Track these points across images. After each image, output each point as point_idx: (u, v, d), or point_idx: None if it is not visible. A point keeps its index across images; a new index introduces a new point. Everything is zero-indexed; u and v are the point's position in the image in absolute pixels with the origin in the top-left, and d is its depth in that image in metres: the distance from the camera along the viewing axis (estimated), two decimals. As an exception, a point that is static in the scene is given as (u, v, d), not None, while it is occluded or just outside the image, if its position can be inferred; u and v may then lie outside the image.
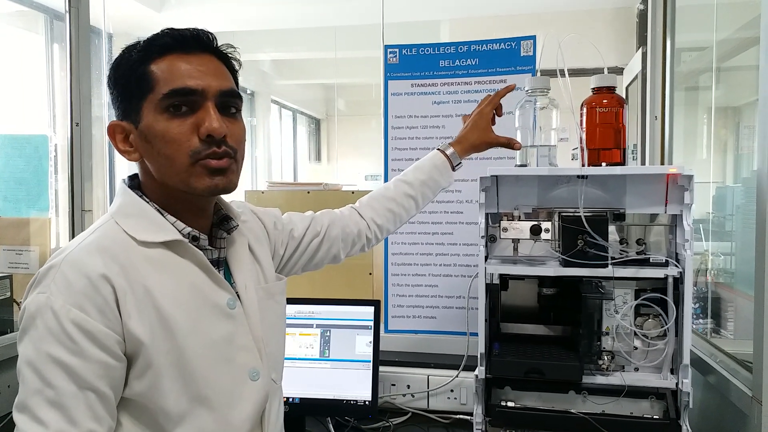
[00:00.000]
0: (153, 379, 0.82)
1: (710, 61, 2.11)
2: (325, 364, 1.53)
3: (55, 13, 3.17)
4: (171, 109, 0.84)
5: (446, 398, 1.65)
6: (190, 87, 0.84)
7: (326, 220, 1.19)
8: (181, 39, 0.87)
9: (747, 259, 1.49)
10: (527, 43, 1.69)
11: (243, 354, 0.91)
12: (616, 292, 1.20)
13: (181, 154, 0.84)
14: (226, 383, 0.88)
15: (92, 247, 0.82)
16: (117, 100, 0.88)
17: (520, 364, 1.19)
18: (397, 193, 1.25)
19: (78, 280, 0.79)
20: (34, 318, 0.78)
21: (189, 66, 0.86)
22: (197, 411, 0.85)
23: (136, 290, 0.82)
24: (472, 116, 1.32)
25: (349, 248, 1.22)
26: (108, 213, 0.90)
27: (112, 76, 0.88)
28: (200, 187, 0.86)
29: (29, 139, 1.95)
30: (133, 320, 0.81)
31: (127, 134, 0.88)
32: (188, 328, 0.84)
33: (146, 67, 0.85)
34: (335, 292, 1.76)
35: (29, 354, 0.78)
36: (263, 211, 1.11)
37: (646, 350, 1.21)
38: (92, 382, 0.77)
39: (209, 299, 0.89)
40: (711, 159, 2.24)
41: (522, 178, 1.28)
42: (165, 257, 0.86)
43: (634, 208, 1.23)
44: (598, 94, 1.27)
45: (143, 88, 0.85)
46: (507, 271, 1.25)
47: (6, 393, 1.56)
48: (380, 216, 1.24)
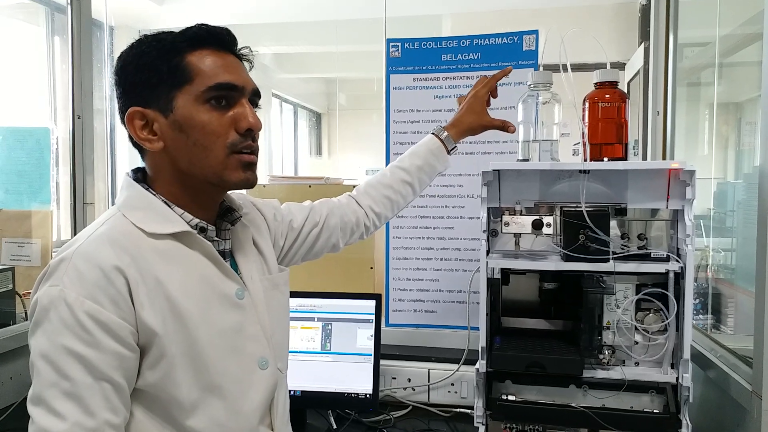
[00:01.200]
0: (166, 369, 0.82)
1: (712, 56, 2.10)
2: (327, 358, 1.54)
3: (56, 5, 3.16)
4: (213, 101, 0.86)
5: (447, 392, 1.66)
6: (233, 83, 0.87)
7: (325, 209, 1.19)
8: (217, 35, 0.89)
9: (748, 254, 1.50)
10: (530, 38, 1.69)
11: (252, 343, 0.92)
12: (617, 286, 1.21)
13: (219, 146, 0.87)
14: (236, 372, 0.89)
15: (103, 239, 0.83)
16: (136, 87, 0.87)
17: (521, 358, 1.20)
18: (393, 179, 1.26)
19: (91, 272, 0.79)
20: (48, 311, 0.78)
21: (225, 62, 0.88)
22: (209, 400, 0.86)
23: (147, 281, 0.82)
24: (467, 99, 1.32)
25: (347, 237, 1.22)
26: (114, 206, 0.90)
27: (134, 62, 0.87)
28: (233, 179, 0.89)
29: (31, 132, 1.95)
30: (146, 311, 0.81)
31: (148, 122, 0.87)
32: (199, 318, 0.85)
33: (182, 57, 0.86)
34: (336, 285, 1.77)
35: (43, 346, 0.78)
36: (262, 203, 1.11)
37: (647, 345, 1.21)
38: (108, 373, 0.78)
39: (218, 289, 0.89)
40: (713, 155, 2.24)
41: (524, 173, 1.27)
42: (174, 248, 0.87)
43: (636, 203, 1.23)
44: (600, 89, 1.26)
45: (178, 78, 0.85)
46: (509, 266, 1.25)
47: (8, 384, 1.57)
48: (378, 204, 1.24)
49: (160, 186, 0.91)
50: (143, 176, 0.93)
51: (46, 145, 1.95)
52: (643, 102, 1.89)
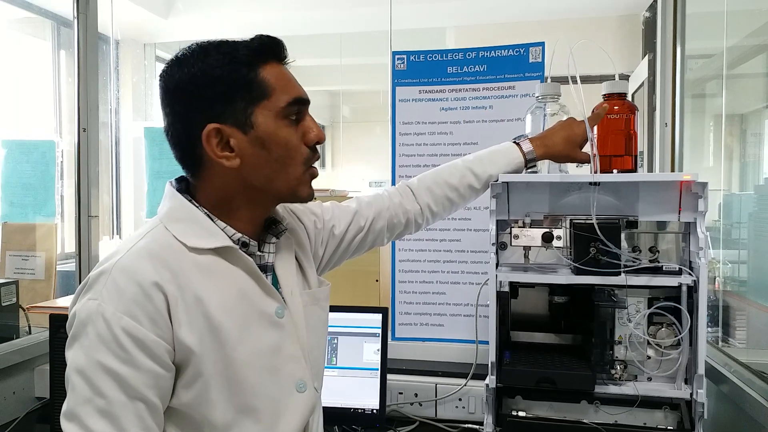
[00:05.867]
0: (201, 389, 0.81)
1: (719, 68, 2.10)
2: (333, 372, 1.52)
3: (62, 19, 3.18)
4: (292, 117, 0.87)
5: (454, 407, 1.63)
6: (304, 97, 0.89)
7: (371, 212, 1.14)
8: (281, 47, 0.89)
9: (760, 267, 1.48)
10: (536, 50, 1.68)
11: (290, 364, 0.90)
12: (629, 300, 1.19)
13: (297, 162, 0.88)
14: (273, 394, 0.87)
15: (143, 253, 0.81)
16: (209, 102, 0.83)
17: (531, 373, 1.18)
18: (461, 183, 1.20)
19: (129, 287, 0.78)
20: (85, 325, 0.77)
21: (290, 75, 0.89)
22: (243, 422, 0.83)
23: (186, 298, 0.81)
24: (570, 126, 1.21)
25: (392, 236, 1.19)
26: (156, 217, 0.89)
27: (204, 75, 0.83)
28: (304, 194, 0.91)
29: (36, 145, 1.95)
30: (184, 329, 0.80)
31: (223, 138, 0.84)
32: (237, 336, 0.83)
33: (256, 72, 0.85)
34: (341, 299, 1.74)
35: (80, 361, 0.76)
36: (302, 211, 1.07)
37: (660, 360, 1.19)
38: (142, 392, 0.76)
39: (257, 307, 0.87)
40: (721, 166, 2.23)
41: (533, 185, 1.26)
42: (215, 263, 0.85)
43: (647, 216, 1.21)
44: (608, 100, 1.26)
45: (256, 93, 0.84)
46: (519, 279, 1.24)
47: (11, 399, 1.55)
48: (437, 203, 1.19)
49: (204, 198, 0.88)
50: (186, 186, 0.91)
51: (51, 158, 1.95)
52: (649, 113, 1.88)
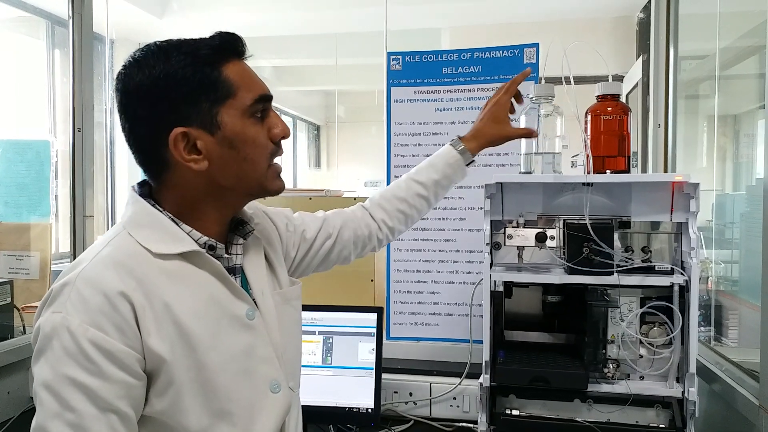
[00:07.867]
0: (174, 397, 0.79)
1: (712, 69, 2.11)
2: (328, 372, 1.52)
3: (57, 18, 3.17)
4: (258, 114, 0.87)
5: (449, 406, 1.64)
6: (268, 94, 0.89)
7: (339, 221, 1.16)
8: (240, 44, 0.88)
9: (752, 267, 1.49)
10: (530, 51, 1.69)
11: (263, 366, 0.89)
12: (622, 300, 1.20)
13: (264, 158, 0.88)
14: (247, 397, 0.86)
15: (107, 262, 0.79)
16: (174, 105, 0.81)
17: (525, 372, 1.19)
18: (409, 193, 1.21)
19: (94, 298, 0.76)
20: (50, 338, 0.75)
21: (251, 72, 0.89)
22: (218, 427, 0.83)
23: (154, 305, 0.79)
24: (487, 107, 1.23)
25: (359, 250, 1.20)
26: (119, 223, 0.87)
27: (167, 77, 0.81)
28: (273, 188, 0.91)
29: (30, 145, 1.95)
30: (153, 337, 0.78)
31: (190, 141, 0.83)
32: (208, 341, 0.82)
33: (219, 70, 0.83)
34: (336, 298, 1.76)
35: (46, 376, 0.74)
36: (275, 212, 1.08)
37: (652, 358, 1.20)
38: (113, 403, 0.75)
39: (227, 310, 0.86)
40: (714, 167, 2.24)
41: (527, 186, 1.27)
42: (182, 269, 0.83)
43: (640, 216, 1.23)
44: (602, 101, 1.27)
45: (220, 93, 0.83)
46: (512, 279, 1.25)
47: (6, 399, 1.55)
48: (391, 218, 1.21)
49: (169, 202, 0.87)
50: (149, 190, 0.89)
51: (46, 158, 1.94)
52: (642, 114, 1.89)
